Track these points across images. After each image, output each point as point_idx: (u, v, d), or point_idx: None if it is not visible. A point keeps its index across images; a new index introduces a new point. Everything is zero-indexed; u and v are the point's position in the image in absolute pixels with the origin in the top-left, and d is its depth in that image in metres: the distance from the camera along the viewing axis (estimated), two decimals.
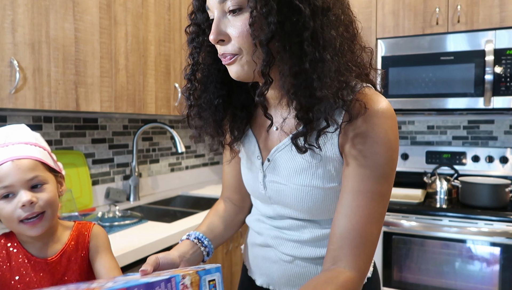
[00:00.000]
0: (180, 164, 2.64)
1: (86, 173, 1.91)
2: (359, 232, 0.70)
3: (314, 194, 0.77)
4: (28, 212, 0.83)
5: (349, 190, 0.71)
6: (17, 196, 0.83)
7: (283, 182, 0.81)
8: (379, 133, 0.70)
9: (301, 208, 0.80)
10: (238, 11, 0.69)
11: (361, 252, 0.70)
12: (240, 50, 0.71)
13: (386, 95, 2.35)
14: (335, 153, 0.74)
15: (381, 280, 2.16)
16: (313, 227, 0.82)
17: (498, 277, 1.95)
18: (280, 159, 0.81)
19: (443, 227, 2.03)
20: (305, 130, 0.71)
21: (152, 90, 1.86)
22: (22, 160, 0.85)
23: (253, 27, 0.67)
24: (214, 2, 0.71)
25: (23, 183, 0.83)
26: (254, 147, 0.87)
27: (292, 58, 0.68)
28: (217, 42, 0.72)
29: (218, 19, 0.71)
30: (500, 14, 2.16)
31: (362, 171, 0.70)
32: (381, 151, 0.70)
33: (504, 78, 2.10)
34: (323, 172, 0.76)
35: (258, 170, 0.86)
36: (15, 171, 0.83)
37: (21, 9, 1.30)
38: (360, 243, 0.69)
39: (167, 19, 1.94)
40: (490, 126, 2.54)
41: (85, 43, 1.52)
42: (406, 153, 2.65)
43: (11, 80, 1.27)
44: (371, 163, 0.70)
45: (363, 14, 2.48)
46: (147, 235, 1.46)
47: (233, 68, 0.74)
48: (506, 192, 2.09)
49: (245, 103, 0.86)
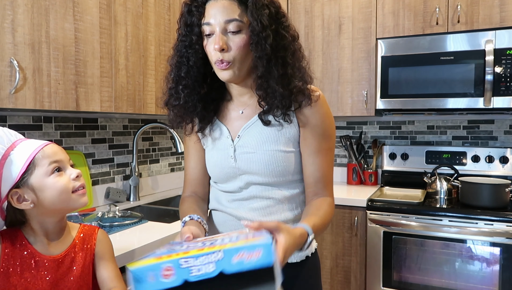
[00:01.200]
0: (180, 164, 2.64)
1: (86, 173, 1.91)
2: (325, 175, 1.07)
3: (278, 156, 1.04)
4: (79, 183, 0.96)
5: (312, 151, 1.06)
6: (67, 171, 0.95)
7: (252, 151, 1.05)
8: (325, 110, 1.06)
9: (266, 170, 1.04)
10: (237, 32, 0.96)
11: (329, 186, 1.08)
12: (234, 60, 0.97)
13: (386, 95, 2.35)
14: (295, 126, 1.05)
15: (381, 280, 2.17)
16: (275, 191, 1.06)
17: (498, 277, 1.95)
18: (249, 133, 1.07)
19: (443, 227, 2.03)
20: (269, 109, 1.02)
21: (152, 90, 1.86)
22: (55, 144, 0.97)
23: (252, 46, 0.96)
24: (218, 22, 0.96)
25: (68, 160, 0.97)
26: (223, 130, 1.11)
27: (276, 66, 0.98)
28: (220, 50, 0.96)
29: (221, 34, 0.96)
30: (500, 14, 2.16)
31: (318, 137, 1.05)
32: (326, 121, 1.06)
33: (504, 78, 2.10)
34: (284, 140, 1.05)
35: (229, 146, 1.08)
36: (59, 149, 0.96)
37: (21, 9, 1.30)
38: (327, 181, 1.08)
39: (167, 19, 1.94)
40: (490, 126, 2.54)
41: (85, 43, 1.52)
42: (406, 153, 2.65)
43: (11, 80, 1.27)
44: (322, 130, 1.05)
45: (363, 14, 2.48)
46: (147, 235, 1.46)
47: (226, 73, 0.99)
48: (506, 192, 2.09)
49: (214, 99, 1.11)
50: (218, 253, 0.68)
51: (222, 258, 0.68)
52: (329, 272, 2.33)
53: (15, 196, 0.90)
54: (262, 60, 0.97)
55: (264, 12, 0.95)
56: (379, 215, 2.16)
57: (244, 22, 0.96)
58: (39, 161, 0.90)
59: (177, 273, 0.68)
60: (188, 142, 1.19)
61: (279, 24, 0.99)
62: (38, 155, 0.91)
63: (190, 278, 0.67)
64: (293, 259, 1.07)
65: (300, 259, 1.09)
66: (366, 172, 2.74)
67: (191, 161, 1.19)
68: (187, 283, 0.67)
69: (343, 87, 2.55)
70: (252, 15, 0.95)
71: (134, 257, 1.32)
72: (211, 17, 0.96)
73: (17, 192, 0.90)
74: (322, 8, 2.58)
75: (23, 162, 0.89)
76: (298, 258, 1.08)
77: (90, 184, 1.93)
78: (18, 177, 0.89)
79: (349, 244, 2.27)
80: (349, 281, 2.28)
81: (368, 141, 2.86)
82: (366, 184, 2.75)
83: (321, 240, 2.33)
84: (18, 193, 0.90)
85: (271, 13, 0.97)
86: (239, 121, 1.09)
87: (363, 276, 2.24)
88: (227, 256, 0.68)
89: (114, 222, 1.61)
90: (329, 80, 2.58)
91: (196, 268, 0.68)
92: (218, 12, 0.96)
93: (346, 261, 2.29)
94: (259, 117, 1.04)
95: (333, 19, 2.56)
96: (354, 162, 2.76)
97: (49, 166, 0.91)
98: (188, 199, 1.16)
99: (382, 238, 2.16)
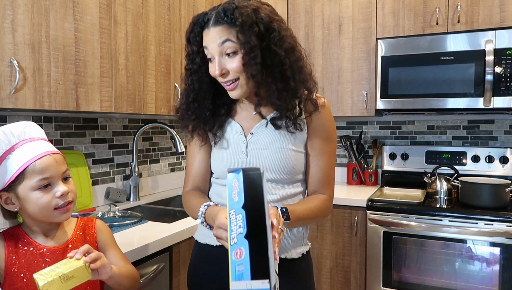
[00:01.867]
0: (180, 164, 2.64)
1: (86, 173, 1.91)
2: (326, 176, 1.15)
3: (288, 154, 1.11)
4: (64, 201, 0.95)
5: (317, 153, 1.14)
6: (55, 187, 0.94)
7: (264, 147, 1.12)
8: (329, 116, 1.16)
9: (277, 167, 1.10)
10: (232, 54, 1.02)
11: (329, 186, 1.16)
12: (238, 77, 1.04)
13: (386, 95, 2.35)
14: (305, 131, 1.13)
15: (381, 280, 2.17)
16: (280, 189, 1.11)
17: (498, 277, 1.95)
18: (262, 131, 1.13)
19: (443, 227, 2.03)
20: (278, 116, 1.10)
21: (152, 90, 1.86)
22: (56, 154, 0.97)
23: (245, 66, 1.01)
24: (214, 48, 1.02)
25: (59, 175, 0.96)
26: (235, 127, 1.16)
27: (275, 82, 1.04)
28: (221, 75, 1.03)
29: (219, 59, 1.02)
30: (500, 14, 2.16)
31: (323, 140, 1.14)
32: (331, 126, 1.16)
33: (504, 78, 2.10)
34: (294, 140, 1.12)
35: (241, 142, 1.14)
36: (53, 163, 0.94)
37: (21, 9, 1.30)
38: (327, 182, 1.16)
39: (167, 19, 1.94)
40: (490, 126, 2.54)
41: (85, 43, 1.52)
42: (406, 153, 2.65)
43: (11, 80, 1.27)
44: (327, 134, 1.15)
45: (363, 14, 2.48)
46: (147, 235, 1.46)
47: (234, 92, 1.06)
48: (506, 192, 2.09)
49: (225, 104, 1.18)
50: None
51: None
52: (329, 272, 2.33)
53: (3, 197, 0.95)
54: (255, 79, 1.03)
55: (253, 30, 0.99)
56: (379, 215, 2.16)
57: (237, 43, 1.01)
58: (28, 174, 0.92)
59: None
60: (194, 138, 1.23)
61: (270, 40, 1.02)
62: (29, 168, 0.92)
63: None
64: (292, 255, 1.12)
65: (298, 256, 1.13)
66: (366, 172, 2.74)
67: (196, 156, 1.22)
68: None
69: (343, 87, 2.55)
70: (242, 36, 0.99)
71: (134, 257, 1.32)
72: (208, 44, 1.03)
73: (5, 194, 0.94)
74: (322, 8, 2.58)
75: (14, 170, 0.92)
76: (296, 254, 1.13)
77: (90, 184, 1.93)
78: (7, 183, 0.92)
79: (349, 244, 2.27)
80: (349, 281, 2.28)
81: (368, 141, 2.86)
82: (366, 184, 2.75)
83: (321, 240, 2.33)
84: (6, 195, 0.94)
85: (260, 31, 1.01)
86: (252, 120, 1.15)
87: (363, 276, 2.24)
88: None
89: (114, 222, 1.61)
90: (329, 80, 2.58)
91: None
92: (212, 38, 1.02)
93: (346, 261, 2.29)
94: (270, 122, 1.12)
95: (333, 19, 2.56)
96: (354, 162, 2.76)
97: (37, 182, 0.92)
98: (193, 192, 1.19)
99: (382, 238, 2.16)
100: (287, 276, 1.09)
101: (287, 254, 1.11)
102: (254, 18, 1.00)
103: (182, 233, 1.55)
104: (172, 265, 1.53)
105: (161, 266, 1.45)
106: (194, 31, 1.06)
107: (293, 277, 1.12)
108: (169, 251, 1.52)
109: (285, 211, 1.00)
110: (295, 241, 1.14)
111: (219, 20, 1.01)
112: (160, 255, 1.46)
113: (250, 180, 0.80)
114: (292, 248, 1.12)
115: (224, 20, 1.00)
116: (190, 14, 2.08)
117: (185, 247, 1.60)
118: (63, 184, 0.96)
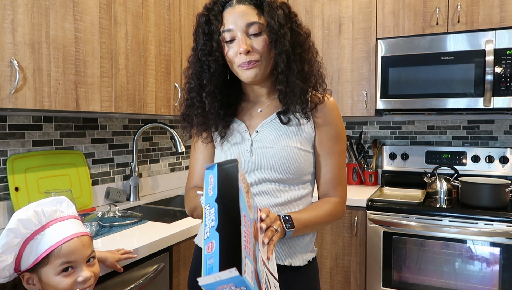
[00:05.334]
0: (180, 164, 2.64)
1: (86, 172, 1.91)
2: (337, 176, 1.12)
3: (294, 153, 1.07)
4: (84, 286, 0.93)
5: (326, 153, 1.11)
6: (78, 271, 0.93)
7: (270, 145, 1.08)
8: (337, 114, 1.13)
9: (282, 166, 1.06)
10: (258, 34, 1.02)
11: (339, 187, 1.12)
12: (261, 58, 1.03)
13: (386, 95, 2.35)
14: (311, 126, 1.10)
15: (381, 280, 2.17)
16: (286, 191, 1.08)
17: (498, 277, 1.95)
18: (267, 129, 1.11)
19: (443, 227, 2.03)
20: (288, 107, 1.07)
21: (152, 90, 1.86)
22: (84, 236, 0.95)
23: (272, 44, 1.02)
24: (240, 27, 1.01)
25: (84, 259, 0.94)
26: (240, 125, 1.14)
27: (295, 62, 1.04)
28: (246, 53, 1.01)
29: (244, 37, 1.01)
30: (500, 14, 2.16)
31: (332, 139, 1.11)
32: (339, 124, 1.13)
33: (504, 78, 2.10)
34: (301, 138, 1.09)
35: (246, 140, 1.11)
36: (80, 247, 0.93)
37: (21, 9, 1.30)
38: (338, 183, 1.12)
39: (167, 19, 1.94)
40: (490, 126, 2.54)
41: (85, 43, 1.51)
42: (406, 153, 2.65)
43: (11, 80, 1.27)
44: (336, 132, 1.11)
45: (363, 14, 2.48)
46: (147, 235, 1.46)
47: (251, 72, 1.03)
48: (506, 192, 2.09)
49: (232, 103, 1.16)
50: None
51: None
52: (329, 272, 2.33)
53: (25, 277, 0.93)
54: (282, 57, 1.02)
55: (279, 12, 1.02)
56: (379, 215, 2.16)
57: (262, 24, 1.02)
58: (53, 258, 0.90)
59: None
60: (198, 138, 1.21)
61: (292, 22, 1.06)
62: (55, 251, 0.90)
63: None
64: (297, 263, 1.07)
65: (303, 263, 1.08)
66: (366, 172, 2.74)
67: (199, 156, 1.20)
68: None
69: (343, 87, 2.55)
70: (269, 16, 1.01)
71: (134, 257, 1.32)
72: (231, 23, 1.02)
73: (28, 275, 0.92)
74: (322, 8, 2.58)
75: (40, 253, 0.90)
76: (302, 262, 1.08)
77: (90, 184, 1.93)
78: (31, 265, 0.91)
79: (349, 244, 2.27)
80: (349, 281, 2.28)
81: (368, 141, 2.86)
82: (366, 184, 2.75)
83: (321, 240, 2.33)
84: (29, 275, 0.93)
85: (285, 13, 1.04)
86: (257, 118, 1.14)
87: (363, 276, 2.24)
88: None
89: (114, 222, 1.61)
90: (329, 80, 2.57)
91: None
92: (237, 17, 1.01)
93: (346, 261, 2.29)
94: (277, 115, 1.09)
95: (333, 19, 2.56)
96: (354, 162, 2.76)
97: (60, 265, 0.91)
98: (196, 188, 1.17)
99: (382, 238, 2.16)
100: (291, 285, 1.05)
101: (292, 261, 1.06)
102: (278, 3, 1.04)
103: (182, 233, 1.55)
104: (172, 265, 1.53)
105: (161, 266, 1.45)
106: (215, 10, 1.04)
107: (298, 286, 1.07)
108: (169, 251, 1.52)
109: (288, 218, 0.97)
110: (300, 247, 1.08)
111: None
112: (160, 255, 1.46)
113: (225, 173, 0.79)
114: (297, 254, 1.07)
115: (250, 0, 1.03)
116: (190, 14, 2.08)
117: (185, 247, 1.60)
118: (86, 268, 0.94)
